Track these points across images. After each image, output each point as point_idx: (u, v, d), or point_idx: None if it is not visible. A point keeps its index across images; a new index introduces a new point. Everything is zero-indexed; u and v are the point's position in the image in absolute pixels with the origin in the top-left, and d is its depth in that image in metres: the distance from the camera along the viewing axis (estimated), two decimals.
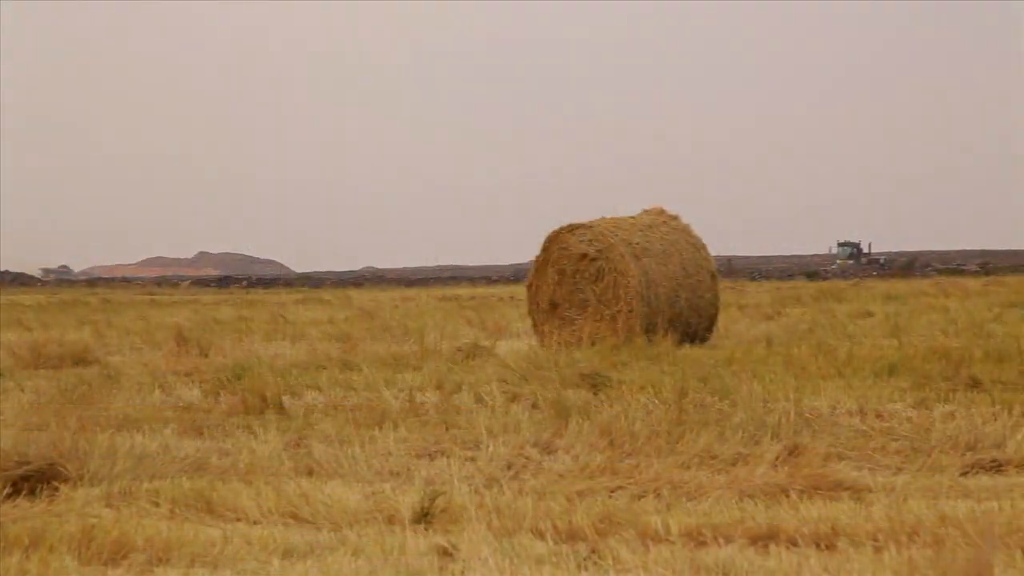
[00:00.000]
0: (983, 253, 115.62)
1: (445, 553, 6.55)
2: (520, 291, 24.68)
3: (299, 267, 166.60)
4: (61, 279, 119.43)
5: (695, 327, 20.73)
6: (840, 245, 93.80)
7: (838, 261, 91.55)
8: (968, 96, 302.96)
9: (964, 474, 8.41)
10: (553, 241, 20.82)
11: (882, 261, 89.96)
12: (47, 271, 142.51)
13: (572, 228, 20.73)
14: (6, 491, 7.94)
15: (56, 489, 8.13)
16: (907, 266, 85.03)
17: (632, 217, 21.35)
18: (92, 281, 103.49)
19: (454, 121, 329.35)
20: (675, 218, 21.64)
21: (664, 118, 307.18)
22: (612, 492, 7.95)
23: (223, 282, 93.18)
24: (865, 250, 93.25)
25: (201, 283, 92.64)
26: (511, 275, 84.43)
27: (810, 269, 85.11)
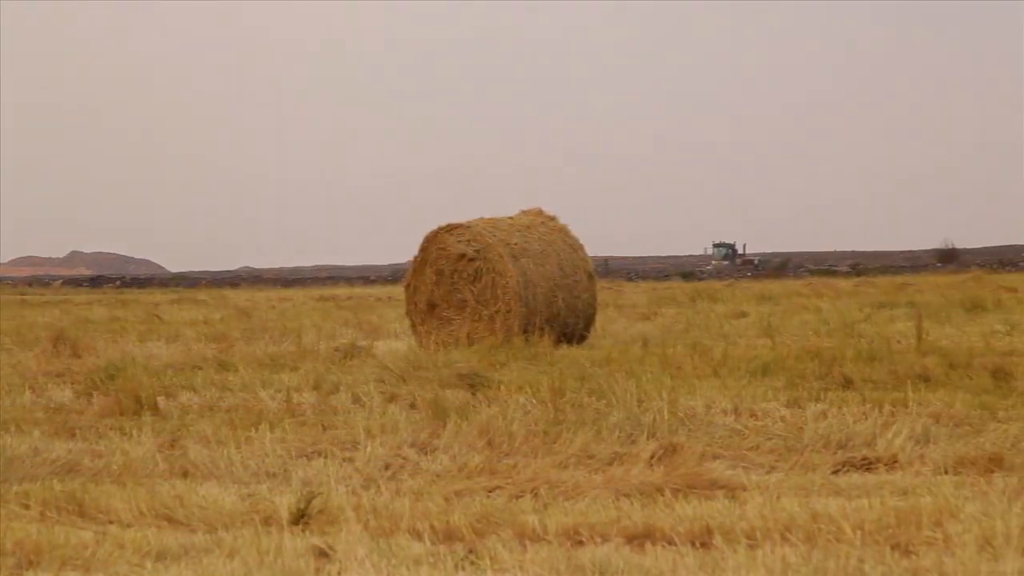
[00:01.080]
0: (854, 254, 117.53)
1: (322, 554, 6.52)
2: (398, 291, 24.63)
3: (174, 267, 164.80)
4: None
5: (573, 327, 20.84)
6: (715, 246, 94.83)
7: (713, 262, 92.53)
8: (845, 98, 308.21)
9: (836, 472, 8.54)
10: (431, 241, 20.81)
11: (756, 262, 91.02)
12: None
13: (450, 228, 20.74)
14: None
15: None
16: (781, 267, 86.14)
17: (510, 217, 21.41)
18: None
19: (329, 119, 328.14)
20: (553, 219, 21.74)
21: (539, 118, 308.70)
22: (490, 492, 7.97)
23: (96, 282, 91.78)
24: (740, 251, 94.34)
25: (73, 283, 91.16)
26: (389, 275, 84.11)
27: (686, 270, 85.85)
